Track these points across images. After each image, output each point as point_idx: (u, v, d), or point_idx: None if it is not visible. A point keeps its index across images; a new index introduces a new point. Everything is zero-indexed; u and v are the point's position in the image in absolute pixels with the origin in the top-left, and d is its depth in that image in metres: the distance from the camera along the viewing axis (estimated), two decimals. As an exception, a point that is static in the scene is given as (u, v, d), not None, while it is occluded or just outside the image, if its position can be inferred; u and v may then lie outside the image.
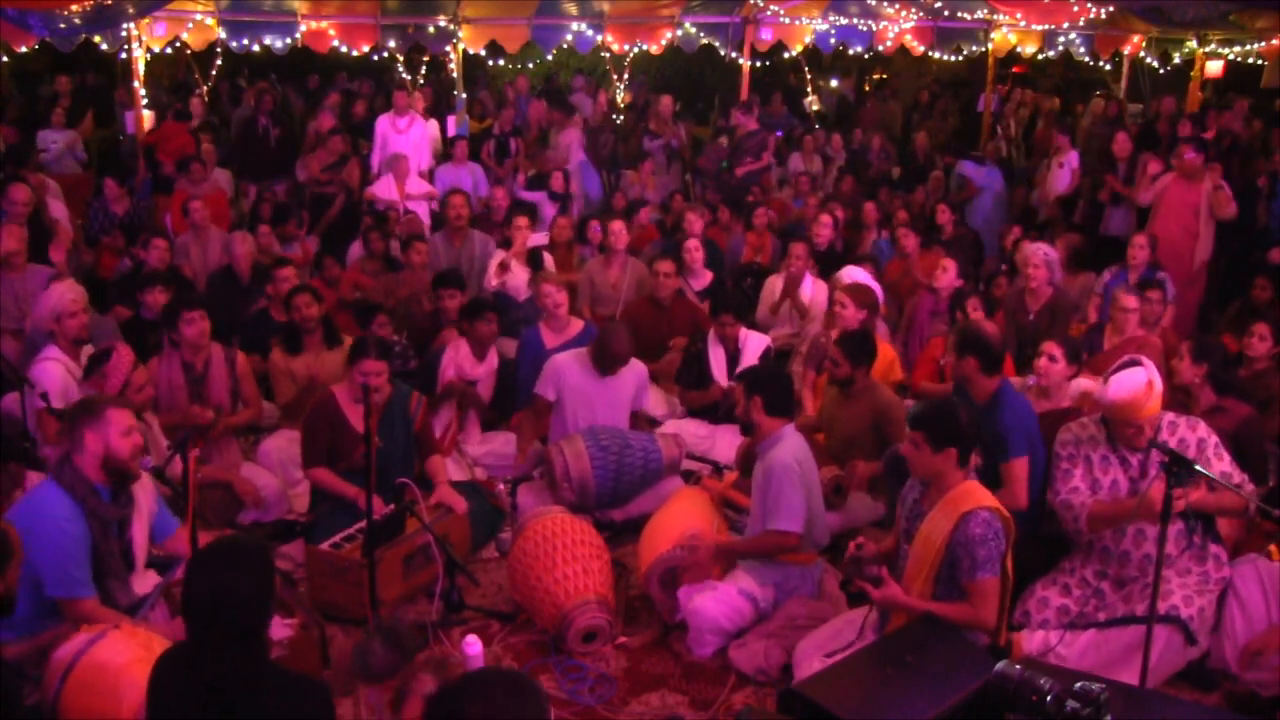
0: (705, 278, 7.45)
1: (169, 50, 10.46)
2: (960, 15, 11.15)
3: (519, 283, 7.19)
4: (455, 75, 10.51)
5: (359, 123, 11.32)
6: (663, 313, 6.90)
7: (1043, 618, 4.06)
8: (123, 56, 9.95)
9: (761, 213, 8.78)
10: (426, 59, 13.35)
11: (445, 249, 7.65)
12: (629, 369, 5.61)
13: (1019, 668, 2.82)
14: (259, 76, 13.56)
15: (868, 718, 2.96)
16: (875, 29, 11.07)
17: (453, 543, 4.61)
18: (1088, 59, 12.25)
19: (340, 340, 5.81)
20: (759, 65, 13.16)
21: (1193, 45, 11.63)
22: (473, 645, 3.83)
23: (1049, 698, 2.69)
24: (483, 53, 10.70)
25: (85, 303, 5.46)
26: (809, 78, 14.16)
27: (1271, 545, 4.25)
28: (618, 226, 7.46)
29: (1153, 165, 8.34)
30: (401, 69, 12.24)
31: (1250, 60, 11.97)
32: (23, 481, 4.17)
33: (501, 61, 14.85)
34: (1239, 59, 12.01)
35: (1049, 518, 4.35)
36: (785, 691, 3.20)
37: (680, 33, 10.56)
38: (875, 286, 6.50)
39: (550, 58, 12.78)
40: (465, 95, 10.73)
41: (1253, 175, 9.13)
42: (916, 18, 11.02)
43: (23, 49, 8.72)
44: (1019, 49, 11.97)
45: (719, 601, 4.18)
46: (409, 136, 9.62)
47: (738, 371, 5.57)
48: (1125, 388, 3.95)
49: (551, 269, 7.49)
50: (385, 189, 9.15)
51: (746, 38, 10.75)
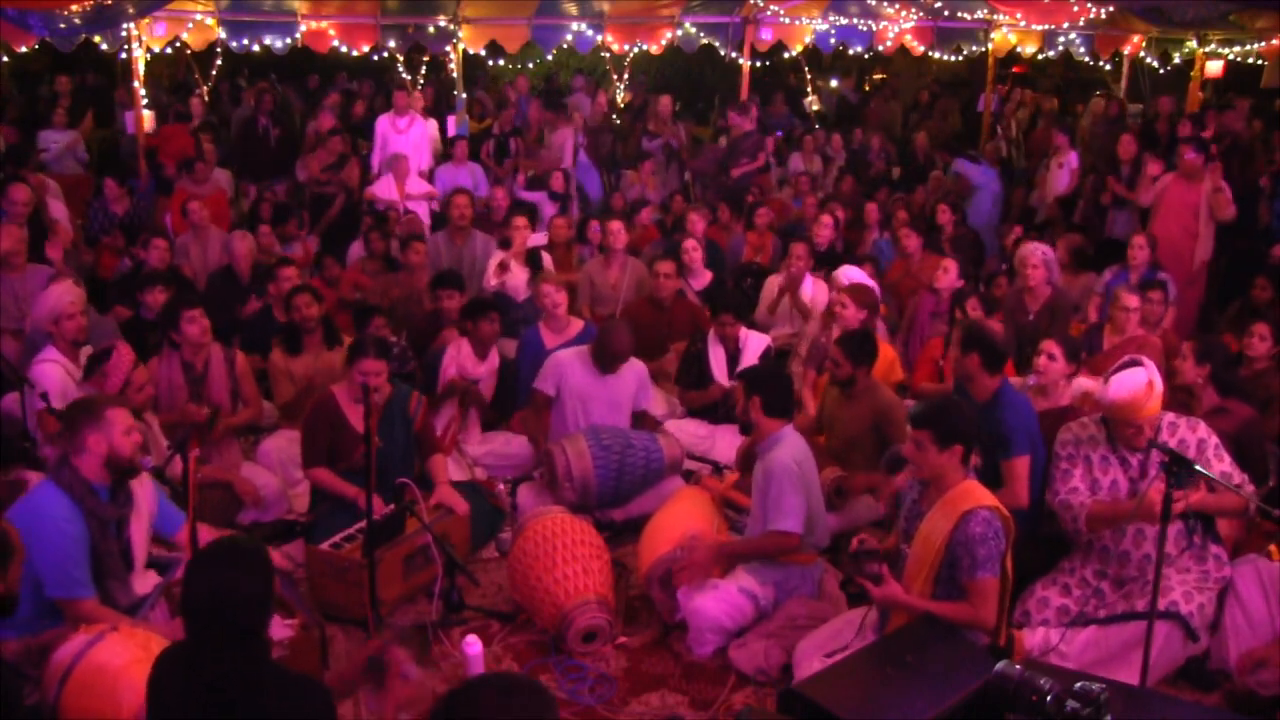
0: (705, 277, 7.44)
1: (169, 50, 10.47)
2: (960, 15, 11.13)
3: (518, 283, 7.19)
4: (455, 75, 10.51)
5: (359, 123, 11.33)
6: (663, 313, 6.90)
7: (1043, 618, 4.06)
8: (123, 56, 9.94)
9: (763, 212, 8.78)
10: (426, 59, 13.35)
11: (447, 249, 7.65)
12: (629, 368, 5.61)
13: (1019, 668, 2.82)
14: (259, 76, 13.56)
15: (868, 718, 2.96)
16: (875, 29, 11.06)
17: (453, 543, 4.61)
18: (1088, 59, 12.23)
19: (340, 340, 5.81)
20: (759, 65, 13.15)
21: (1193, 45, 11.61)
22: (473, 645, 3.84)
23: (1049, 698, 2.69)
24: (483, 53, 10.70)
25: (84, 304, 5.46)
26: (809, 78, 14.17)
27: (1271, 545, 4.26)
28: (616, 226, 7.46)
29: (1153, 167, 8.34)
30: (401, 69, 12.24)
31: (1250, 60, 11.96)
32: (24, 490, 4.16)
33: (501, 61, 14.86)
34: (1239, 59, 12.00)
35: (1049, 517, 4.35)
36: (785, 691, 3.19)
37: (680, 33, 10.55)
38: (873, 286, 6.50)
39: (550, 58, 12.78)
40: (465, 95, 10.73)
41: (1254, 175, 9.13)
42: (916, 18, 11.01)
43: (23, 49, 8.71)
44: (1019, 49, 11.95)
45: (719, 600, 4.18)
46: (409, 136, 9.62)
47: (738, 371, 5.57)
48: (1125, 388, 3.95)
49: (550, 269, 7.50)
50: (385, 189, 9.15)
51: (746, 38, 10.74)
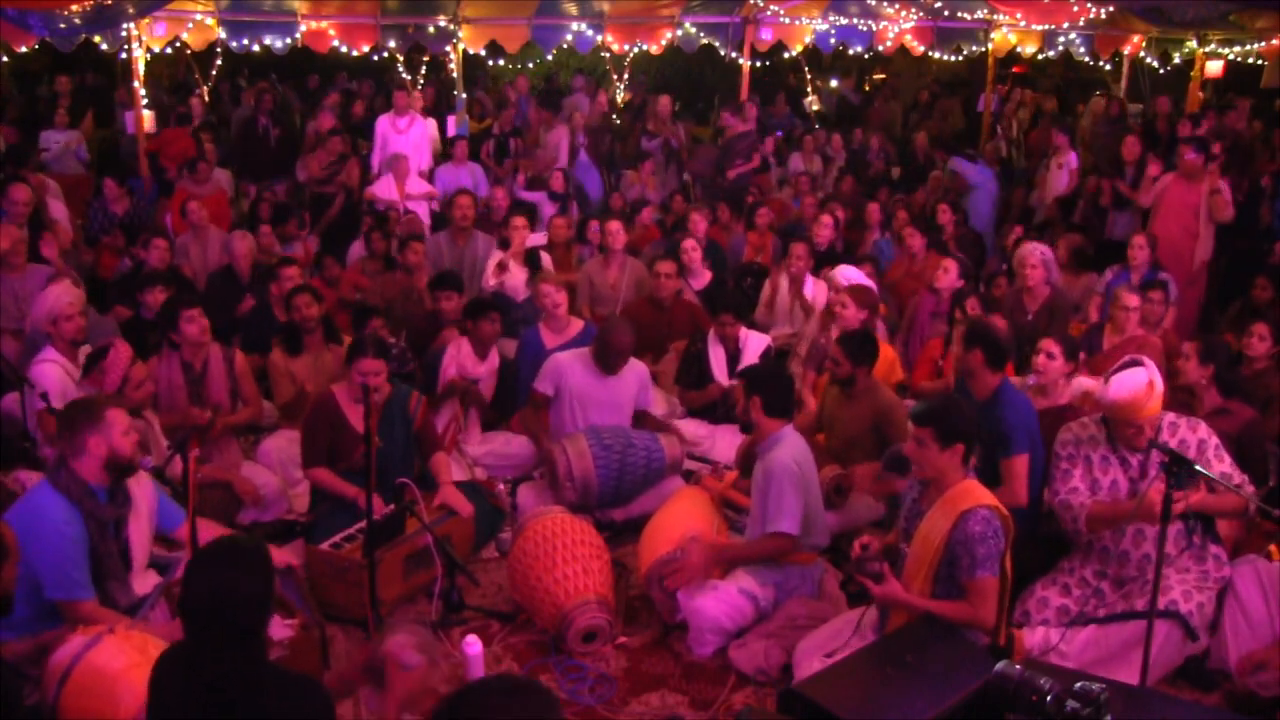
0: (705, 277, 7.44)
1: (169, 50, 10.46)
2: (960, 15, 11.14)
3: (517, 283, 7.19)
4: (455, 75, 10.51)
5: (359, 123, 11.32)
6: (662, 313, 6.89)
7: (1042, 617, 4.06)
8: (123, 56, 9.94)
9: (763, 212, 8.78)
10: (426, 59, 13.35)
11: (448, 249, 7.65)
12: (630, 369, 5.60)
13: (1019, 668, 2.82)
14: (259, 76, 13.57)
15: (868, 718, 2.96)
16: (875, 29, 11.06)
17: (455, 543, 4.61)
18: (1088, 59, 12.24)
19: (340, 340, 5.81)
20: (759, 65, 13.16)
21: (1193, 45, 11.61)
22: (473, 645, 3.83)
23: (1049, 698, 2.69)
24: (483, 53, 10.70)
25: (82, 305, 5.46)
26: (809, 78, 14.16)
27: (1271, 545, 4.26)
28: (615, 226, 7.45)
29: (1153, 167, 8.33)
30: (401, 69, 12.24)
31: (1250, 60, 11.96)
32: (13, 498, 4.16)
33: (501, 61, 14.86)
34: (1239, 59, 12.00)
35: (1048, 517, 4.35)
36: (785, 691, 3.20)
37: (680, 33, 10.55)
38: (871, 286, 6.49)
39: (550, 58, 12.78)
40: (465, 95, 10.73)
41: (1255, 175, 9.13)
42: (916, 18, 11.02)
43: (23, 49, 8.71)
44: (1019, 49, 11.95)
45: (719, 601, 4.18)
46: (409, 136, 9.62)
47: (738, 371, 5.56)
48: (1126, 388, 3.95)
49: (550, 269, 7.50)
50: (385, 189, 9.15)
51: (746, 38, 10.74)
